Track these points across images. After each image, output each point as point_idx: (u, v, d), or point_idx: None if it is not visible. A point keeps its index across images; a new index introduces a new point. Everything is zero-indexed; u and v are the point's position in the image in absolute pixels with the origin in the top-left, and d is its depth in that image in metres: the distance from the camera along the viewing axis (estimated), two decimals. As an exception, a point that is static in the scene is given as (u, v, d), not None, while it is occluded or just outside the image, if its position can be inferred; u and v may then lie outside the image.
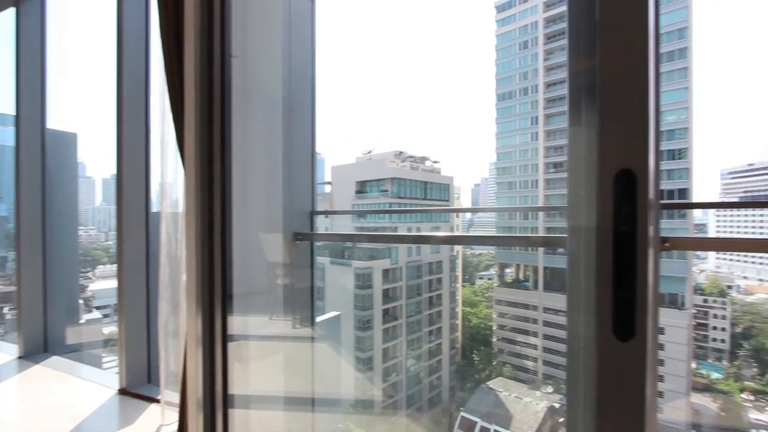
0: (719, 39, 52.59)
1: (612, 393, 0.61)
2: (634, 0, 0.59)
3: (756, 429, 19.50)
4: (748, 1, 56.21)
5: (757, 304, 25.02)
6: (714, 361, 25.25)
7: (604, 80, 0.61)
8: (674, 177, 20.10)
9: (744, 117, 57.09)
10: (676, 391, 19.50)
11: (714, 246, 1.27)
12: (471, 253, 23.15)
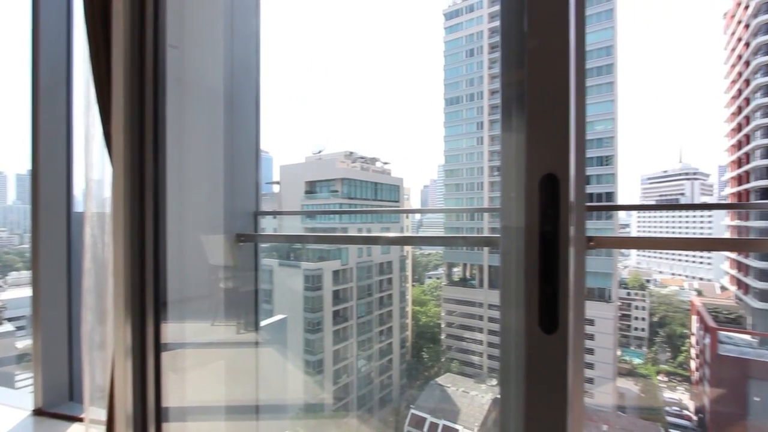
0: (641, 57, 58.07)
1: (538, 382, 0.65)
2: (557, 19, 0.64)
3: (669, 407, 21.94)
4: (665, 25, 61.99)
5: (670, 296, 28.21)
6: (636, 348, 27.99)
7: (531, 92, 0.65)
8: (602, 181, 22.06)
9: (660, 128, 63.36)
10: (604, 377, 21.39)
11: (633, 244, 1.44)
12: (420, 253, 23.73)
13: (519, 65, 0.67)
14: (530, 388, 0.65)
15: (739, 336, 20.79)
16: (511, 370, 0.68)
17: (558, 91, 0.64)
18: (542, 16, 0.63)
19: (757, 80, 20.14)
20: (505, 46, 0.68)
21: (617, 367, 23.48)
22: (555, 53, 0.64)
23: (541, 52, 0.64)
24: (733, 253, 22.53)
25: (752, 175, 20.69)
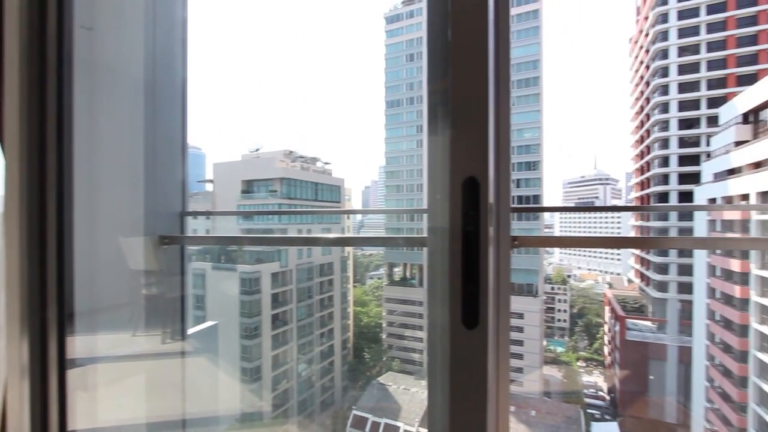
0: (563, 71, 63.31)
1: (460, 374, 0.68)
2: (478, 31, 0.67)
3: (587, 389, 24.04)
4: (583, 43, 68.31)
5: (587, 289, 31.14)
6: (559, 338, 30.40)
7: (454, 100, 0.68)
8: (530, 185, 23.73)
9: (579, 137, 69.56)
10: (532, 366, 22.97)
11: (552, 243, 1.57)
12: (362, 253, 23.84)
13: (444, 74, 0.70)
14: (454, 380, 0.68)
15: (643, 322, 23.61)
16: (437, 365, 0.71)
17: (479, 101, 0.68)
18: (464, 27, 0.67)
19: (655, 98, 23.09)
20: (431, 54, 0.71)
21: (543, 356, 25.54)
22: (476, 64, 0.68)
23: (463, 62, 0.68)
24: (637, 250, 25.60)
25: (652, 181, 23.70)
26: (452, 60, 0.68)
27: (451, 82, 0.68)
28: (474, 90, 0.68)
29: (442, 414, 0.68)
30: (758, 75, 18.51)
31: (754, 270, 13.15)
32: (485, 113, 0.68)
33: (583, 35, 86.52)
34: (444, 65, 0.70)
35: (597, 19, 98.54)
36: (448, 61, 0.69)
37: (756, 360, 13.00)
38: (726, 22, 21.26)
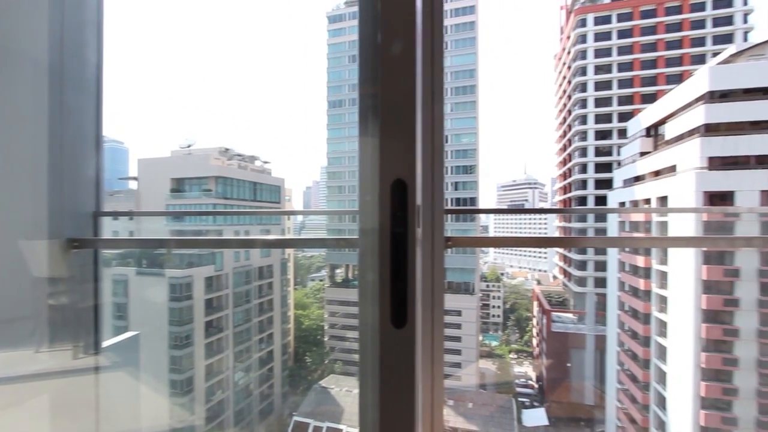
0: (498, 81, 67.24)
1: (390, 374, 0.69)
2: (406, 40, 0.69)
3: (518, 379, 25.49)
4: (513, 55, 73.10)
5: (518, 286, 33.16)
6: (493, 332, 32.06)
7: (384, 104, 0.70)
8: (467, 188, 24.78)
9: (511, 143, 74.30)
10: (469, 360, 23.93)
11: (483, 243, 1.68)
12: (303, 255, 23.35)
13: (374, 78, 0.71)
14: (383, 379, 0.69)
15: (565, 315, 25.74)
16: (368, 365, 0.71)
17: (407, 106, 0.70)
18: (393, 33, 0.69)
19: (576, 111, 25.46)
20: (362, 58, 0.72)
21: (479, 351, 26.90)
22: (405, 70, 0.70)
23: (392, 68, 0.69)
24: (561, 248, 27.95)
25: (573, 186, 26.08)
26: (382, 65, 0.69)
27: (380, 86, 0.70)
28: (403, 95, 0.70)
29: (373, 413, 0.69)
30: (657, 94, 21.20)
31: (654, 265, 14.99)
32: (413, 118, 0.70)
33: (515, 49, 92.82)
34: (375, 70, 0.71)
35: (527, 34, 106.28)
36: (378, 65, 0.70)
37: (656, 344, 14.81)
38: (632, 47, 24.11)
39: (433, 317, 1.39)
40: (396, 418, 0.67)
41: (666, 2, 23.73)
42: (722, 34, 22.63)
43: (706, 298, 12.20)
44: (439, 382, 1.40)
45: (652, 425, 14.87)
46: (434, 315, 1.38)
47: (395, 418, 0.68)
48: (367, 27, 0.71)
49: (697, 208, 11.57)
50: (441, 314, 1.39)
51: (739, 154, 11.73)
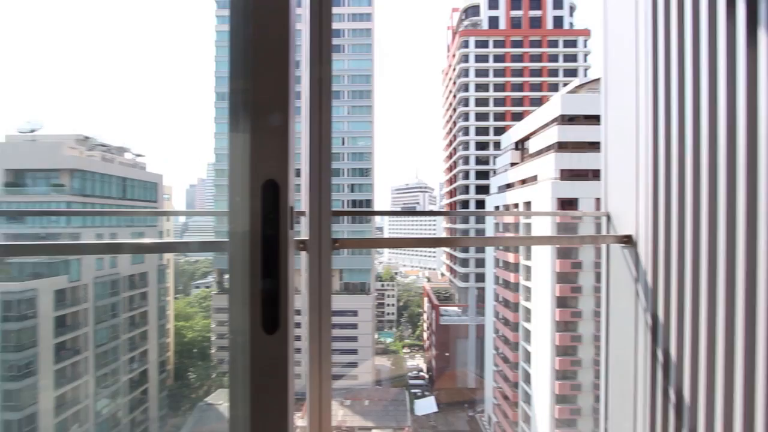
0: (392, 88, 70.30)
1: (261, 382, 0.67)
2: (278, 37, 0.68)
3: (410, 372, 26.70)
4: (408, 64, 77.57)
5: (411, 284, 34.95)
6: (388, 330, 33.15)
7: (255, 101, 0.67)
8: (363, 190, 25.23)
9: (404, 148, 77.91)
10: (365, 359, 24.31)
11: (371, 244, 1.74)
12: (185, 260, 21.02)
13: (245, 72, 0.67)
14: (254, 388, 0.66)
15: (451, 308, 27.98)
16: (238, 370, 0.67)
17: (280, 104, 0.68)
18: (265, 27, 0.66)
19: (460, 123, 28.13)
20: (233, 49, 0.67)
21: (375, 348, 27.63)
22: (278, 67, 0.68)
23: (265, 64, 0.67)
24: (447, 248, 30.45)
25: (457, 191, 28.74)
26: (253, 59, 0.66)
27: (252, 82, 0.66)
28: (276, 92, 0.68)
29: (244, 426, 0.65)
30: (524, 114, 24.66)
31: (522, 261, 17.34)
32: (286, 116, 0.68)
33: (409, 61, 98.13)
34: (246, 63, 0.67)
35: (419, 49, 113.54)
36: (249, 59, 0.66)
37: (523, 329, 17.13)
38: (505, 71, 27.66)
39: (320, 319, 1.38)
40: (267, 429, 0.65)
41: (530, 36, 27.83)
42: (570, 69, 27.41)
43: (559, 286, 14.56)
44: (327, 384, 1.40)
45: (520, 399, 17.13)
46: (322, 317, 1.38)
47: (267, 429, 0.65)
48: (237, 16, 0.67)
49: (553, 211, 13.74)
50: (329, 316, 1.39)
51: (581, 168, 14.31)
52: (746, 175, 1.13)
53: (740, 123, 1.15)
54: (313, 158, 1.31)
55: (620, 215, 1.71)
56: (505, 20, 28.24)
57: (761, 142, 1.09)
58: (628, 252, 1.64)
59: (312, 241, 1.35)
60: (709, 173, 1.25)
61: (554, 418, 14.21)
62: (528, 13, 28.17)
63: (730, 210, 1.18)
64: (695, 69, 1.31)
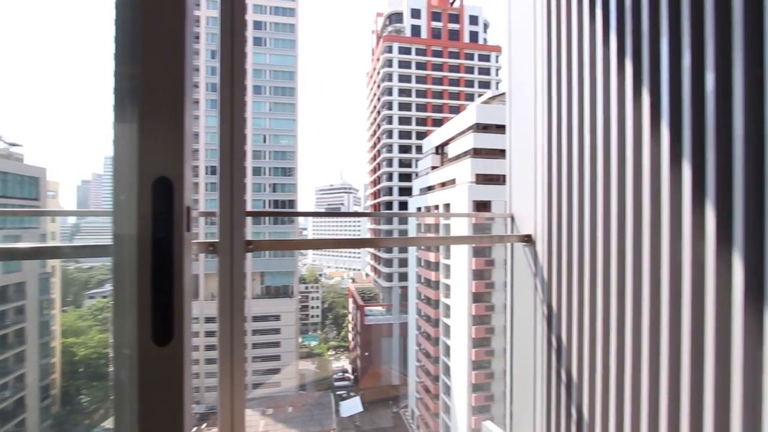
0: (317, 87, 69.48)
1: (151, 400, 0.60)
2: (173, 18, 0.61)
3: (335, 374, 26.45)
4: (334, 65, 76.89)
5: (335, 285, 34.74)
6: (312, 333, 32.57)
7: (146, 89, 0.60)
8: (286, 190, 24.47)
9: (329, 149, 77.66)
10: (288, 364, 23.50)
11: (288, 245, 1.65)
12: (76, 267, 18.30)
13: (134, 55, 0.60)
14: (144, 407, 0.59)
15: (376, 308, 28.37)
16: (125, 387, 0.60)
17: (174, 92, 0.62)
18: (157, 4, 0.59)
19: (384, 126, 28.73)
20: (119, 28, 0.59)
21: (299, 352, 26.87)
22: (171, 53, 0.61)
23: (156, 48, 0.60)
24: (372, 248, 30.86)
25: (381, 192, 29.31)
26: (142, 41, 0.59)
27: (141, 68, 0.59)
28: (168, 80, 0.61)
29: (132, 449, 0.58)
30: (443, 120, 26.03)
31: (442, 260, 18.25)
32: (181, 107, 0.62)
33: (334, 61, 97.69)
34: (134, 45, 0.60)
35: (344, 48, 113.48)
36: (137, 40, 0.59)
37: (443, 324, 18.03)
38: (426, 78, 28.94)
39: (233, 326, 1.30)
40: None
41: (449, 47, 29.50)
42: (484, 81, 29.62)
43: (475, 283, 15.60)
44: (239, 395, 1.32)
45: (441, 391, 17.99)
46: (234, 324, 1.30)
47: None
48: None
49: (465, 213, 14.69)
50: (241, 323, 1.31)
51: (494, 173, 15.52)
52: (617, 181, 1.32)
53: (613, 134, 1.34)
54: (224, 155, 1.23)
55: (522, 216, 1.88)
56: (426, 30, 29.55)
57: (628, 153, 1.28)
58: (529, 250, 1.82)
59: (223, 244, 1.26)
60: (591, 179, 1.44)
61: (471, 406, 15.16)
62: (447, 25, 29.83)
63: (606, 212, 1.37)
64: (580, 87, 1.50)
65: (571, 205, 1.54)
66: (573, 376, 1.55)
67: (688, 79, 1.08)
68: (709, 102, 1.02)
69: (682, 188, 1.10)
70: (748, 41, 0.94)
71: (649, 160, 1.21)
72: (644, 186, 1.22)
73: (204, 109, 19.62)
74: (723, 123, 0.99)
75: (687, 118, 1.08)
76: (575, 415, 1.54)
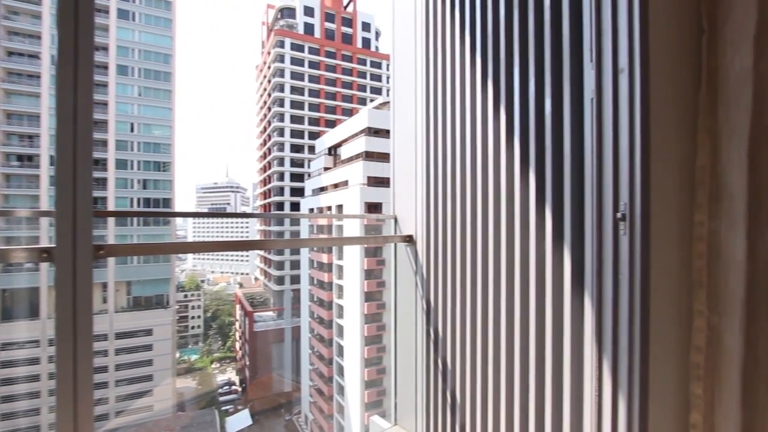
0: (197, 76, 63.60)
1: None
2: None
3: (221, 388, 24.52)
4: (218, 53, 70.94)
5: (220, 291, 32.29)
6: (193, 346, 29.65)
7: None
8: (159, 187, 21.81)
9: (213, 144, 72.15)
10: (163, 384, 20.92)
11: (151, 250, 1.45)
12: None
13: None
14: None
15: (266, 313, 27.10)
16: None
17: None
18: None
19: (275, 123, 27.59)
20: None
21: (177, 369, 24.06)
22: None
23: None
24: (261, 251, 29.36)
25: (272, 192, 28.08)
26: None
27: None
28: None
29: None
30: (336, 122, 26.20)
31: (335, 261, 18.29)
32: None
33: (220, 50, 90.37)
34: None
35: (231, 39, 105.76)
36: None
37: (336, 325, 18.09)
38: (319, 78, 28.75)
39: (75, 348, 1.08)
40: None
41: (342, 50, 29.82)
42: (376, 87, 30.71)
43: (366, 282, 16.02)
44: (86, 429, 1.11)
45: (335, 392, 18.00)
46: (78, 345, 1.08)
47: None
48: None
49: (356, 214, 15.05)
50: (88, 343, 1.10)
51: (384, 176, 16.20)
52: (482, 186, 1.50)
53: (478, 145, 1.51)
54: (64, 142, 1.03)
55: (405, 218, 2.00)
56: (320, 30, 29.36)
57: (490, 162, 1.46)
58: (410, 249, 1.94)
59: (62, 249, 1.05)
60: (461, 184, 1.60)
61: (364, 403, 15.51)
62: (341, 28, 30.12)
63: (473, 213, 1.54)
64: (452, 101, 1.66)
65: (445, 207, 1.69)
66: (448, 364, 1.70)
67: (533, 102, 1.28)
68: (548, 122, 1.23)
69: (529, 194, 1.30)
70: (573, 77, 1.16)
71: (505, 169, 1.40)
72: (502, 191, 1.41)
73: (48, 86, 16.25)
74: (557, 140, 1.20)
75: (532, 134, 1.28)
76: (450, 398, 1.70)
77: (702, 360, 0.98)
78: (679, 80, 1.00)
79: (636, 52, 0.92)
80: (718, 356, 0.96)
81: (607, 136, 1.00)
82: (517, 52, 1.34)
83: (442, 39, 1.73)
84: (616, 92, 0.97)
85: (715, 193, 0.98)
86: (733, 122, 0.94)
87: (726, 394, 0.94)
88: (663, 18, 0.96)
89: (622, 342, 0.96)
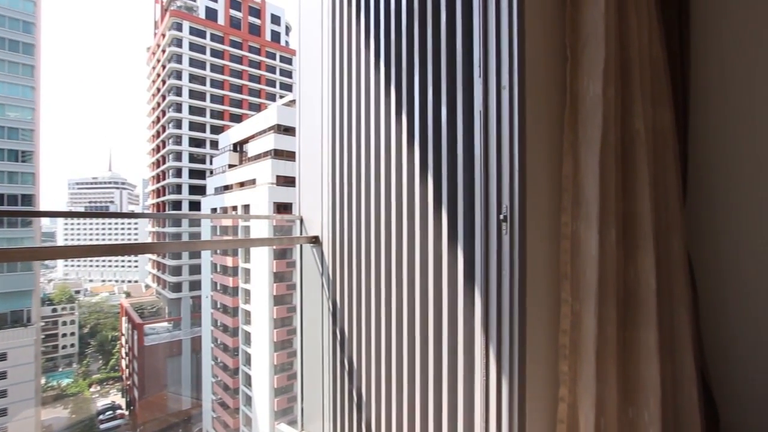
0: (69, 55, 54.93)
1: None
2: None
3: (102, 414, 21.56)
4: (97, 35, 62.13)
5: (101, 303, 28.37)
6: (64, 368, 25.58)
7: None
8: (17, 181, 18.37)
9: (90, 134, 62.87)
10: (24, 418, 17.72)
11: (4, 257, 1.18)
12: None
13: None
14: None
15: (160, 325, 24.42)
16: None
17: None
18: None
19: (170, 113, 24.93)
20: None
21: (42, 398, 20.33)
22: None
23: None
24: (154, 255, 26.30)
25: (167, 190, 25.29)
26: None
27: None
28: None
29: None
30: (242, 117, 24.71)
31: (241, 264, 17.26)
32: None
33: (103, 21, 78.56)
34: None
35: (118, 10, 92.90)
36: None
37: (243, 332, 17.08)
38: (223, 69, 26.77)
39: None
40: None
41: (249, 41, 28.22)
42: (287, 84, 29.72)
43: (276, 285, 15.45)
44: None
45: (241, 404, 16.98)
46: None
47: None
48: None
49: (269, 215, 14.43)
50: None
51: (293, 176, 15.80)
52: (385, 188, 1.54)
53: (381, 147, 1.56)
54: None
55: (311, 218, 1.97)
56: (224, 17, 27.36)
57: (392, 165, 1.51)
58: (316, 250, 1.92)
59: None
60: (365, 185, 1.63)
61: (273, 411, 14.95)
62: (247, 17, 28.46)
63: (377, 214, 1.58)
64: (357, 103, 1.68)
65: (350, 207, 1.71)
66: (354, 363, 1.72)
67: (431, 110, 1.36)
68: (444, 130, 1.32)
69: (428, 196, 1.38)
70: (465, 90, 1.26)
71: (406, 172, 1.46)
72: (403, 193, 1.47)
73: None
74: (452, 148, 1.30)
75: (431, 141, 1.36)
76: (356, 397, 1.72)
77: (567, 341, 1.15)
78: (550, 100, 1.16)
79: (515, 71, 1.04)
80: (579, 338, 1.14)
81: (492, 146, 1.11)
82: (417, 61, 1.41)
83: (348, 40, 1.74)
84: (499, 107, 1.08)
85: (576, 198, 1.16)
86: (589, 138, 1.12)
87: (585, 370, 1.11)
88: (539, 44, 1.11)
89: (504, 329, 1.08)
